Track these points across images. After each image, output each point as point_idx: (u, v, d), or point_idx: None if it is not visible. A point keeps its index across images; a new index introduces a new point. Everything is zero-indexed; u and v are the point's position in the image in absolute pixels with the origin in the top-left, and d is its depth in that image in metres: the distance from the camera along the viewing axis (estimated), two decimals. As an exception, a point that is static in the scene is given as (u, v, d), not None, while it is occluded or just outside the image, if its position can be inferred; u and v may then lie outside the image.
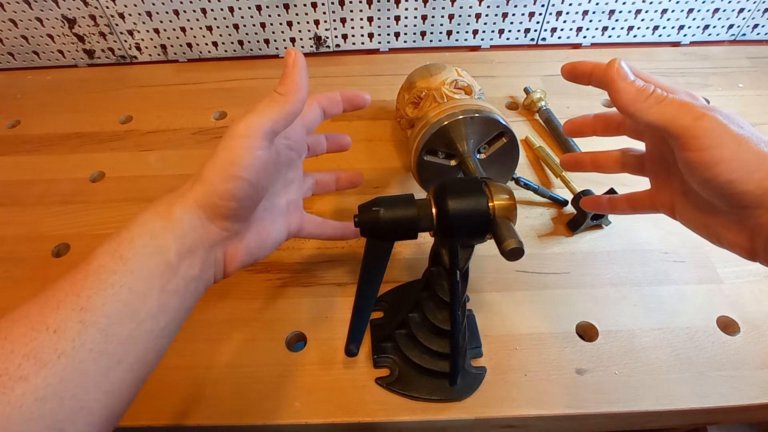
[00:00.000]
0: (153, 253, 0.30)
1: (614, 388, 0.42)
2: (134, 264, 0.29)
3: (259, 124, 0.32)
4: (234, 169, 0.32)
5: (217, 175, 0.32)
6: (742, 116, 0.30)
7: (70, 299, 0.27)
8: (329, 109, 0.41)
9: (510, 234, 0.32)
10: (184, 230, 0.31)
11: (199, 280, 0.33)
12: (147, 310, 0.29)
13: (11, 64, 0.78)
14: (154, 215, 0.31)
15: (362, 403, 0.42)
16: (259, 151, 0.32)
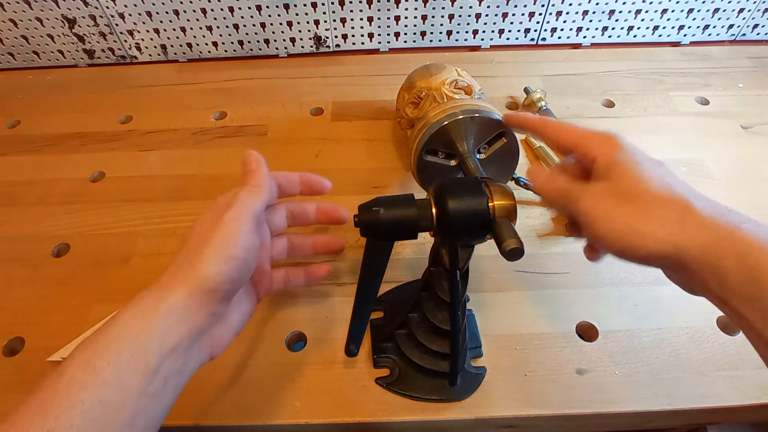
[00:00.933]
0: (131, 358, 0.28)
1: (614, 388, 0.42)
2: (109, 374, 0.27)
3: (246, 209, 0.34)
4: (230, 250, 0.32)
5: (214, 259, 0.31)
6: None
7: (36, 421, 0.25)
8: (286, 187, 0.42)
9: (510, 234, 0.32)
10: (169, 327, 0.30)
11: (181, 374, 0.31)
12: (122, 420, 0.27)
13: (11, 64, 0.78)
14: (136, 315, 0.29)
15: (362, 403, 0.42)
16: (250, 233, 0.34)
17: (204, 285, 0.31)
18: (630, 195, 0.29)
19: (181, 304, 0.30)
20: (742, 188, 0.57)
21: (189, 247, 0.33)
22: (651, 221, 0.28)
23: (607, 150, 0.31)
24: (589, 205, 0.30)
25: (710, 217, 0.27)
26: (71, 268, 0.52)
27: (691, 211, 0.27)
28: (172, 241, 0.54)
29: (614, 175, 0.30)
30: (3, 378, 0.44)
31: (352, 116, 0.68)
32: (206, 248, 0.32)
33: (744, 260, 0.25)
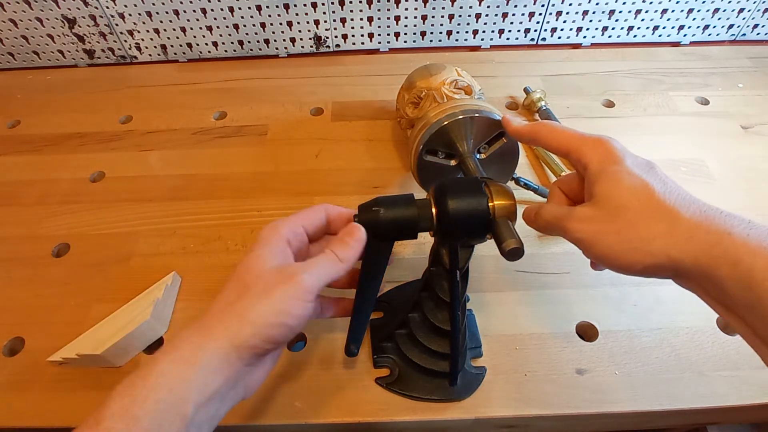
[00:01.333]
0: (169, 408, 0.28)
1: (614, 388, 0.42)
2: (147, 424, 0.27)
3: (321, 279, 0.32)
4: (285, 318, 0.31)
5: (266, 321, 0.30)
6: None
7: None
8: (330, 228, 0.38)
9: (510, 234, 0.32)
10: (207, 378, 0.29)
11: (214, 419, 0.30)
12: None
13: (11, 64, 0.78)
14: (176, 363, 0.29)
15: (362, 403, 0.42)
16: (310, 304, 0.32)
17: (248, 342, 0.30)
18: (617, 213, 0.29)
19: (222, 356, 0.29)
20: (742, 188, 0.57)
21: (241, 290, 0.31)
22: (641, 237, 0.28)
23: (597, 158, 0.31)
24: (578, 230, 0.31)
25: (699, 226, 0.27)
26: (71, 268, 0.52)
27: (680, 222, 0.27)
28: (172, 241, 0.54)
29: (600, 192, 0.30)
30: (3, 378, 0.44)
31: (352, 116, 0.68)
32: (260, 306, 0.30)
33: (736, 268, 0.25)
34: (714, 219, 0.27)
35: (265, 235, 0.34)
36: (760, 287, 0.24)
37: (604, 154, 0.31)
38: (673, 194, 0.29)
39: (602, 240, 0.29)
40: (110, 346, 0.42)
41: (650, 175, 0.30)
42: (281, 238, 0.34)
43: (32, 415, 0.42)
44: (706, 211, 0.27)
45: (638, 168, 0.30)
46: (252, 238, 0.54)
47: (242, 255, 0.52)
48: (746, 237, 0.25)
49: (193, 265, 0.52)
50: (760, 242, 0.24)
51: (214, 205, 0.58)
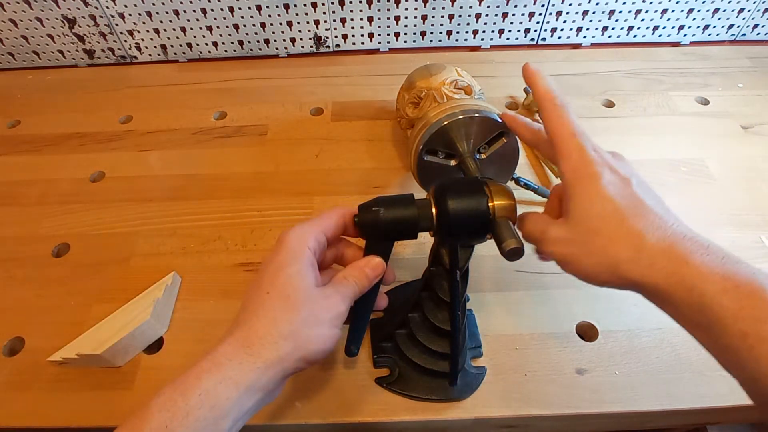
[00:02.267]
0: (208, 425, 0.28)
1: (614, 388, 0.42)
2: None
3: (346, 310, 0.34)
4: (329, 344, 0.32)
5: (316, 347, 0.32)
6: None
7: None
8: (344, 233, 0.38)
9: (510, 234, 0.32)
10: (251, 396, 0.30)
11: (242, 426, 0.31)
12: None
13: (11, 64, 0.78)
14: (223, 383, 0.29)
15: (362, 403, 0.42)
16: (339, 330, 0.34)
17: (296, 364, 0.31)
18: (588, 236, 0.30)
19: (269, 377, 0.30)
20: (742, 188, 0.57)
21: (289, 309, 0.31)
22: (609, 262, 0.30)
23: (571, 168, 0.31)
24: (552, 252, 0.32)
25: (661, 253, 0.28)
26: (71, 268, 0.52)
27: (645, 249, 0.29)
28: (172, 241, 0.54)
29: (573, 213, 0.31)
30: (3, 378, 0.44)
31: (352, 116, 0.68)
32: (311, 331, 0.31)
33: (691, 294, 0.27)
34: (675, 245, 0.28)
35: (295, 247, 0.33)
36: (710, 311, 0.26)
37: (582, 165, 0.31)
38: (642, 217, 0.30)
39: (576, 261, 0.31)
40: (110, 346, 0.42)
41: (623, 195, 0.30)
42: (310, 250, 0.34)
43: (32, 415, 0.42)
44: (670, 236, 0.29)
45: (612, 187, 0.30)
46: (252, 239, 0.54)
47: (243, 254, 0.52)
48: (700, 264, 0.27)
49: (193, 265, 0.52)
50: (712, 269, 0.26)
51: (214, 205, 0.58)
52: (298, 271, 0.32)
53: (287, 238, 0.34)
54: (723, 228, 0.53)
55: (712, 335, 0.27)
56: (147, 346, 0.46)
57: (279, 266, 0.33)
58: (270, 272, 0.33)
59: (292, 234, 0.34)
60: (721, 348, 0.27)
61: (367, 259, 0.35)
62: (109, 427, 0.42)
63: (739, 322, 0.25)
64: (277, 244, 0.34)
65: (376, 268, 0.35)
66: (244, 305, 0.33)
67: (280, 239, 0.34)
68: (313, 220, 0.35)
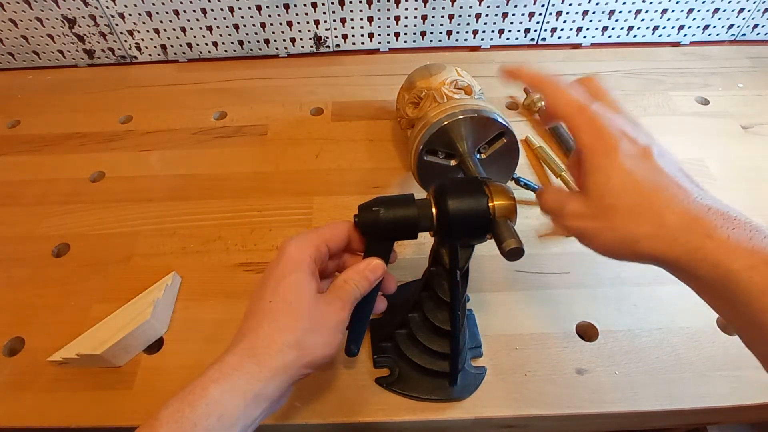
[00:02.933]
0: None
1: (614, 388, 0.42)
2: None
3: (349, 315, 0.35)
4: (333, 350, 0.33)
5: (322, 353, 0.33)
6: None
7: None
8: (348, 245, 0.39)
9: (510, 234, 0.32)
10: (259, 404, 0.30)
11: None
12: None
13: (11, 64, 0.78)
14: (231, 393, 0.29)
15: (362, 403, 0.42)
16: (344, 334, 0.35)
17: (302, 370, 0.32)
18: (607, 212, 0.30)
19: (277, 385, 0.31)
20: (742, 188, 0.57)
21: (293, 318, 0.32)
22: (629, 237, 0.29)
23: (589, 141, 0.30)
24: (572, 226, 0.32)
25: (684, 228, 0.27)
26: (71, 268, 0.52)
27: (666, 224, 0.28)
28: (172, 241, 0.54)
29: (592, 187, 0.30)
30: (3, 378, 0.44)
31: (352, 116, 0.68)
32: (315, 338, 0.32)
33: (716, 269, 0.26)
34: (699, 219, 0.27)
35: (295, 256, 0.34)
36: (737, 286, 0.25)
37: (597, 139, 0.30)
38: (663, 191, 0.29)
39: (596, 235, 0.30)
40: (110, 346, 0.42)
41: (643, 167, 0.29)
42: (312, 261, 0.34)
43: (32, 415, 0.42)
44: (694, 209, 0.28)
45: (631, 159, 0.29)
46: (252, 239, 0.54)
47: (243, 254, 0.52)
48: (726, 239, 0.26)
49: (193, 265, 0.52)
50: (739, 244, 0.26)
51: (214, 205, 0.58)
52: (299, 280, 0.33)
53: (288, 247, 0.34)
54: (723, 228, 0.53)
55: (738, 310, 0.26)
56: (147, 346, 0.46)
57: (280, 275, 0.33)
58: (272, 282, 0.33)
59: (293, 243, 0.34)
60: (747, 323, 0.26)
61: (367, 262, 0.35)
62: (109, 427, 0.42)
63: (766, 297, 0.24)
64: (279, 253, 0.34)
65: (375, 270, 0.35)
66: (247, 315, 0.33)
67: (281, 248, 0.34)
68: (316, 230, 0.36)
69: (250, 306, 0.34)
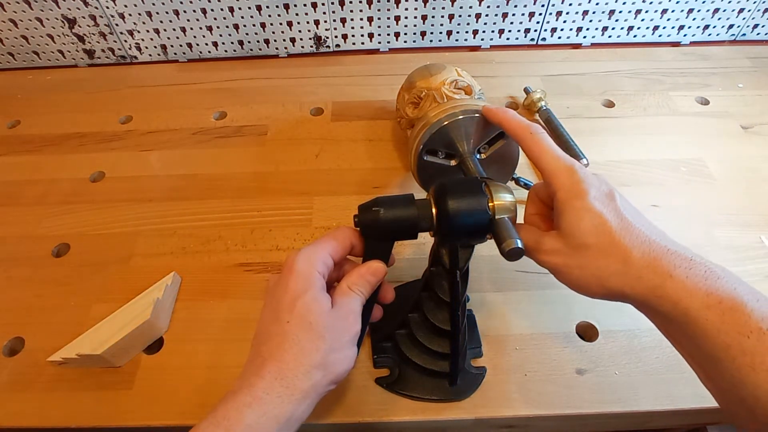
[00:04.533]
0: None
1: (614, 388, 0.42)
2: None
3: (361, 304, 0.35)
4: (351, 363, 0.34)
5: (342, 368, 0.33)
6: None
7: None
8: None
9: (510, 234, 0.32)
10: (290, 426, 0.31)
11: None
12: None
13: (11, 64, 0.78)
14: (265, 417, 0.30)
15: (362, 403, 0.42)
16: None
17: (328, 387, 0.33)
18: (579, 249, 0.32)
19: (308, 405, 0.32)
20: (742, 188, 0.57)
21: (313, 336, 0.32)
22: (599, 274, 0.31)
23: (563, 187, 0.33)
24: (546, 261, 0.34)
25: (647, 267, 0.30)
26: (71, 268, 0.52)
27: (631, 263, 0.30)
28: (172, 241, 0.54)
29: (565, 227, 0.32)
30: (3, 378, 0.44)
31: (352, 116, 0.68)
32: (337, 355, 0.33)
33: (677, 307, 0.28)
34: (660, 260, 0.30)
35: (305, 272, 0.33)
36: (695, 324, 0.28)
37: (570, 185, 0.33)
38: (627, 232, 0.31)
39: (569, 272, 0.33)
40: (110, 346, 0.42)
41: (609, 210, 0.32)
42: (320, 276, 0.34)
43: (32, 415, 0.42)
44: (654, 250, 0.30)
45: (599, 202, 0.32)
46: (252, 239, 0.54)
47: (243, 254, 0.52)
48: (684, 279, 0.28)
49: (193, 265, 0.52)
50: (696, 284, 0.28)
51: (214, 205, 0.58)
52: (314, 298, 0.33)
53: (295, 263, 0.34)
54: (723, 228, 0.53)
55: (697, 345, 0.28)
56: (147, 346, 0.46)
57: (294, 294, 0.33)
58: (286, 301, 0.33)
59: (300, 259, 0.34)
60: (705, 358, 0.28)
61: (368, 266, 0.35)
62: (109, 427, 0.42)
63: (722, 335, 0.27)
64: (286, 269, 0.34)
65: (377, 273, 0.36)
66: (263, 336, 0.33)
67: (289, 265, 0.34)
68: (319, 243, 0.35)
69: (266, 326, 0.33)
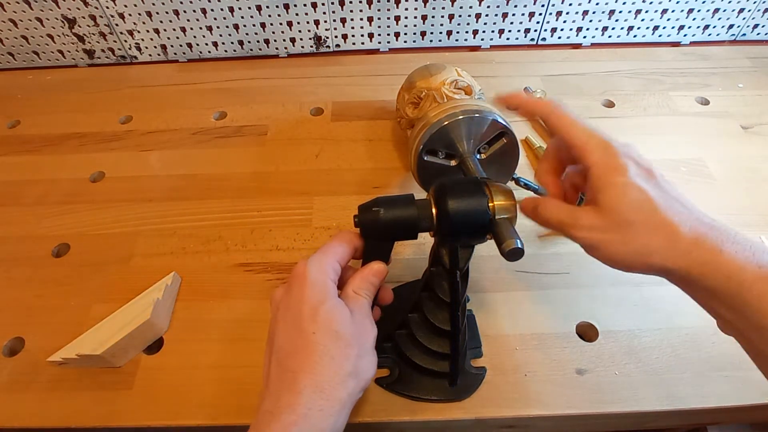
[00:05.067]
0: None
1: (614, 388, 0.42)
2: None
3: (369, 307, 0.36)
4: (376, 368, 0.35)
5: (371, 375, 0.34)
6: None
7: None
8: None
9: (510, 234, 0.32)
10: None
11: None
12: None
13: (11, 64, 0.78)
14: None
15: (362, 403, 0.42)
16: None
17: (360, 395, 0.33)
18: (621, 225, 0.31)
19: (345, 416, 0.32)
20: (742, 188, 0.57)
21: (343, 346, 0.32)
22: (642, 250, 0.31)
23: (600, 163, 0.32)
24: (584, 237, 0.33)
25: (696, 243, 0.30)
26: (71, 268, 0.52)
27: (679, 238, 0.30)
28: (172, 241, 0.54)
29: (605, 203, 0.32)
30: (3, 378, 0.44)
31: (352, 116, 0.68)
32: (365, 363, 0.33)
33: (729, 281, 0.29)
34: (708, 235, 0.30)
35: (319, 281, 0.33)
36: (749, 295, 0.28)
37: (607, 162, 0.32)
38: (673, 207, 0.31)
39: (607, 247, 0.32)
40: (110, 347, 0.42)
41: (652, 186, 0.31)
42: (333, 283, 0.34)
43: (32, 415, 0.42)
44: (701, 226, 0.30)
45: (640, 179, 0.31)
46: (252, 239, 0.54)
47: (243, 254, 0.52)
48: (735, 253, 0.29)
49: (193, 265, 0.52)
50: (746, 258, 0.29)
51: (214, 205, 0.58)
52: (334, 306, 0.33)
53: (308, 273, 0.33)
54: (723, 228, 0.53)
55: (747, 318, 0.29)
56: (147, 346, 0.46)
57: (314, 304, 0.32)
58: (306, 312, 0.32)
59: (312, 268, 0.34)
60: (755, 330, 0.28)
61: (369, 268, 0.36)
62: (109, 427, 0.42)
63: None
64: (298, 279, 0.33)
65: (379, 274, 0.36)
66: (286, 350, 0.32)
67: (301, 275, 0.33)
68: (327, 250, 0.35)
69: (288, 339, 0.32)
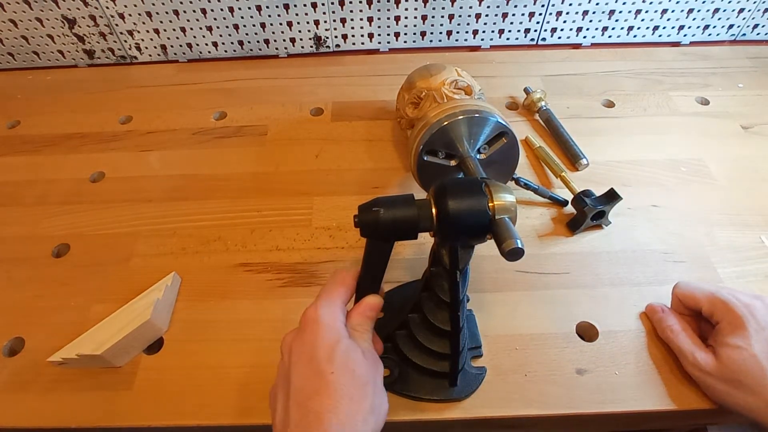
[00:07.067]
0: None
1: (614, 388, 0.42)
2: None
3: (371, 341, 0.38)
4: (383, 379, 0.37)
5: (386, 409, 0.35)
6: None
7: None
8: None
9: (510, 234, 0.32)
10: None
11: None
12: None
13: (11, 64, 0.78)
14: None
15: (362, 403, 0.42)
16: None
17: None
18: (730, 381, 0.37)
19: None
20: (742, 188, 0.57)
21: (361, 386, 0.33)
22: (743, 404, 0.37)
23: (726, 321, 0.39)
24: (695, 375, 0.40)
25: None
26: (71, 268, 0.52)
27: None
28: (172, 241, 0.54)
29: (724, 358, 0.38)
30: (3, 378, 0.44)
31: (352, 116, 0.68)
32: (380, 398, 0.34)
33: None
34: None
35: (331, 324, 0.35)
36: None
37: (733, 321, 0.39)
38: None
39: (713, 393, 0.39)
40: (110, 347, 0.42)
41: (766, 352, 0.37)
42: (343, 324, 0.36)
43: (32, 415, 0.42)
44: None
45: (758, 344, 0.37)
46: (252, 239, 0.54)
47: (243, 254, 0.52)
48: None
49: (193, 265, 0.52)
50: None
51: (214, 205, 0.58)
52: (348, 347, 0.34)
53: (320, 317, 0.35)
54: (723, 228, 0.53)
55: None
56: (147, 346, 0.46)
57: (329, 346, 0.33)
58: (322, 354, 0.33)
59: (323, 312, 0.35)
60: None
61: (365, 303, 0.38)
62: (109, 428, 0.42)
63: None
64: (310, 324, 0.35)
65: (375, 308, 0.38)
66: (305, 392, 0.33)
67: (312, 319, 0.35)
68: (332, 295, 0.36)
69: (306, 381, 0.33)
